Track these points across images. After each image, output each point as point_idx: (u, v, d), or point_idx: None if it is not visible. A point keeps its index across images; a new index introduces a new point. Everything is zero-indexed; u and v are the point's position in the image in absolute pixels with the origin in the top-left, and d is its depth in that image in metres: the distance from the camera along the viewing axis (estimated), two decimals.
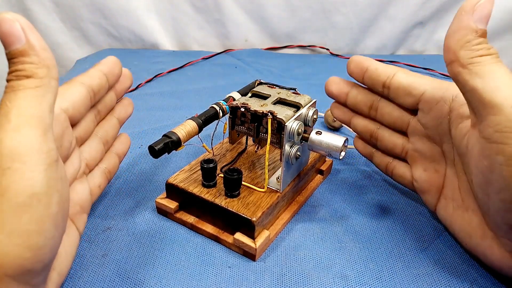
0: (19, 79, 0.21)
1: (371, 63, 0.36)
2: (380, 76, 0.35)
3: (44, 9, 0.80)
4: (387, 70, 0.35)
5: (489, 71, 0.24)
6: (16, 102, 0.21)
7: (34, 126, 0.21)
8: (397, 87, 0.34)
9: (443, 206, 0.33)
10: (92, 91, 0.31)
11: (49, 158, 0.21)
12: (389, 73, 0.34)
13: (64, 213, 0.23)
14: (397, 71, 0.34)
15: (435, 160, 0.33)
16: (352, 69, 0.37)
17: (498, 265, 0.29)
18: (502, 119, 0.23)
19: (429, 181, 0.34)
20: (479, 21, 0.25)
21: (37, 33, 0.22)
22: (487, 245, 0.29)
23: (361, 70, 0.36)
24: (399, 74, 0.34)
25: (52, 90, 0.22)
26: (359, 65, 0.36)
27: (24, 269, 0.21)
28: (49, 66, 0.22)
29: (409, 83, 0.33)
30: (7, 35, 0.21)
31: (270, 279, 0.31)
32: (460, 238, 0.32)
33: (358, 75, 0.37)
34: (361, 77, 0.37)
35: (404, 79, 0.33)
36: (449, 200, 0.32)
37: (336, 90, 0.39)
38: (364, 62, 0.36)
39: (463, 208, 0.31)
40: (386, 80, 0.34)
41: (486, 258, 0.30)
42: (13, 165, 0.20)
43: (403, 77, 0.34)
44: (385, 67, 0.35)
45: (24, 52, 0.21)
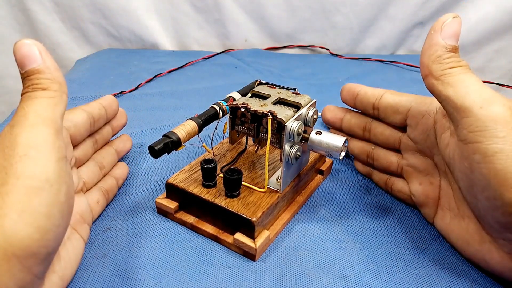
0: (35, 90, 0.25)
1: (361, 88, 0.39)
2: (369, 99, 0.38)
3: (44, 9, 0.80)
4: (375, 92, 0.38)
5: (459, 80, 0.27)
6: (33, 107, 0.24)
7: (47, 126, 0.24)
8: (385, 107, 0.37)
9: (440, 217, 0.34)
10: (93, 118, 0.35)
11: (60, 153, 0.24)
12: (377, 94, 0.37)
13: (70, 206, 0.25)
14: (384, 92, 0.37)
15: (429, 173, 0.34)
16: (345, 95, 0.41)
17: (498, 269, 0.29)
18: (473, 120, 0.26)
19: (426, 194, 0.35)
20: (448, 38, 0.28)
21: (51, 56, 0.26)
22: (486, 250, 0.29)
23: (353, 95, 0.40)
24: (386, 95, 0.37)
25: (63, 102, 0.26)
26: (350, 91, 0.40)
27: (31, 251, 0.22)
28: (61, 83, 0.26)
29: (396, 102, 0.36)
30: (26, 56, 0.25)
31: (270, 279, 0.31)
32: (459, 246, 0.32)
33: (351, 100, 0.40)
34: (353, 102, 0.40)
35: (391, 99, 0.36)
36: (446, 210, 0.33)
37: (331, 117, 0.43)
38: (355, 88, 0.40)
39: (459, 216, 0.31)
40: (375, 101, 0.38)
41: (486, 263, 0.30)
42: (29, 153, 0.23)
43: (389, 97, 0.37)
44: (373, 90, 0.38)
45: (40, 71, 0.25)
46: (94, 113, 0.36)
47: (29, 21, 0.81)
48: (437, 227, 0.34)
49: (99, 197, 0.36)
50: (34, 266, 0.22)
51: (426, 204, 0.35)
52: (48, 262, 0.24)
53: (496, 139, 0.25)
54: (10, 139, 0.23)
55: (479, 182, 0.26)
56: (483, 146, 0.25)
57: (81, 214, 0.32)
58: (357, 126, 0.40)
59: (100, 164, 0.37)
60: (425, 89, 0.30)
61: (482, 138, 0.25)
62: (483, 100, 0.26)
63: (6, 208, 0.21)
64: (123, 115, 0.41)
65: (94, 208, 0.35)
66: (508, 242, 0.27)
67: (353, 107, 0.41)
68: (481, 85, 0.27)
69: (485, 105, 0.26)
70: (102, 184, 0.37)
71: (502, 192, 0.25)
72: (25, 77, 0.25)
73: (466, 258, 0.32)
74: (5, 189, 0.22)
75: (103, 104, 0.37)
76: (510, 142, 0.24)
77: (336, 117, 0.43)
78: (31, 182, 0.22)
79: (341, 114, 0.42)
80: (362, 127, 0.40)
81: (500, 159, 0.24)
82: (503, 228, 0.27)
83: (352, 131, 0.41)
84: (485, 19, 0.82)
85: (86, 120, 0.35)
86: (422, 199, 0.35)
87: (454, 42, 0.28)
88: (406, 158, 0.36)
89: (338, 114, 0.42)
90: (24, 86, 0.25)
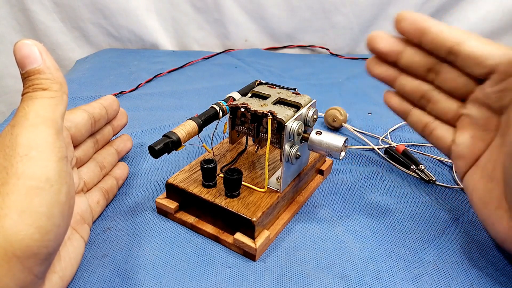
0: (35, 91, 0.25)
1: (433, 24, 0.32)
2: (446, 41, 0.32)
3: (44, 9, 0.80)
4: (454, 34, 0.31)
5: None
6: (33, 107, 0.24)
7: (48, 126, 0.24)
8: (467, 56, 0.31)
9: (472, 173, 0.33)
10: (93, 118, 0.35)
11: (60, 153, 0.24)
12: (458, 38, 0.31)
13: (70, 206, 0.25)
14: (467, 36, 0.31)
15: (487, 129, 0.32)
16: (407, 28, 0.33)
17: (502, 237, 0.30)
18: None
19: (471, 148, 0.33)
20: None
21: (51, 56, 0.26)
22: (499, 216, 0.30)
23: (419, 31, 0.33)
24: (471, 41, 0.31)
25: (64, 102, 0.26)
26: (416, 24, 0.33)
27: (31, 251, 0.22)
28: (61, 83, 0.26)
29: (484, 52, 0.30)
30: (26, 57, 0.25)
31: (270, 279, 0.31)
32: (477, 205, 0.32)
33: (414, 35, 0.33)
34: (419, 39, 0.33)
35: (478, 48, 0.30)
36: (479, 168, 0.32)
37: (385, 47, 0.35)
38: (424, 21, 0.33)
39: (489, 177, 0.31)
40: (453, 46, 0.31)
41: (493, 228, 0.30)
42: (30, 153, 0.23)
43: (475, 45, 0.31)
44: (452, 31, 0.32)
45: (40, 71, 0.25)
46: (95, 113, 0.36)
47: (29, 21, 0.81)
48: (465, 182, 0.34)
49: (100, 197, 0.36)
50: (35, 266, 0.22)
51: (465, 157, 0.33)
52: (49, 262, 0.24)
53: None
54: (11, 139, 0.23)
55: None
56: None
57: (81, 215, 0.32)
58: (422, 65, 0.34)
59: (101, 164, 0.37)
60: None
61: None
62: None
63: (6, 208, 0.21)
64: (124, 115, 0.41)
65: (94, 208, 0.35)
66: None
67: (416, 42, 0.33)
68: None
69: None
70: (102, 184, 0.37)
71: None
72: (25, 78, 0.25)
73: (479, 218, 0.32)
74: (6, 189, 0.22)
75: (104, 104, 0.37)
76: None
77: (393, 49, 0.35)
78: (31, 182, 0.22)
79: (399, 46, 0.34)
80: (427, 68, 0.34)
81: None
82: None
83: (412, 69, 0.35)
84: (485, 19, 0.82)
85: (87, 120, 0.35)
86: (464, 152, 0.33)
87: None
88: (470, 108, 0.33)
89: (396, 46, 0.34)
90: (24, 86, 0.25)
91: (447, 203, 0.39)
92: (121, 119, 0.41)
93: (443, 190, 0.41)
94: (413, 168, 0.43)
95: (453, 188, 0.42)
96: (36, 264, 0.22)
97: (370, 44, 0.35)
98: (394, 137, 0.51)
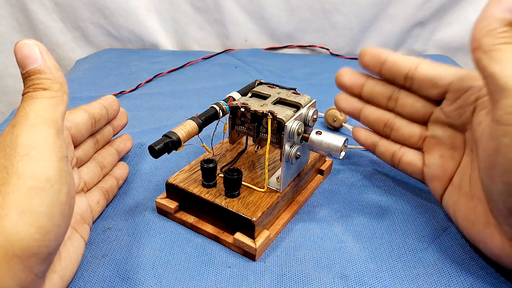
0: (36, 91, 0.25)
1: (389, 55, 0.35)
2: (401, 68, 0.34)
3: (44, 9, 0.80)
4: (408, 61, 0.34)
5: (509, 58, 0.24)
6: (34, 107, 0.24)
7: (48, 126, 0.24)
8: (422, 79, 0.33)
9: (449, 194, 0.33)
10: (94, 118, 0.35)
11: (61, 153, 0.24)
12: (412, 64, 0.33)
13: (71, 206, 0.25)
14: (419, 62, 0.33)
15: (454, 147, 0.33)
16: (367, 61, 0.36)
17: (497, 253, 0.29)
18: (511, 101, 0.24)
19: (443, 168, 0.33)
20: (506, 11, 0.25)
21: (52, 56, 0.26)
22: (489, 233, 0.29)
23: (378, 62, 0.35)
24: (423, 65, 0.33)
25: (64, 102, 0.26)
26: (375, 57, 0.35)
27: (31, 251, 0.22)
28: (62, 83, 0.26)
29: (436, 74, 0.32)
30: (27, 57, 0.25)
31: (270, 279, 0.31)
32: (463, 226, 0.32)
33: (375, 67, 0.36)
34: (378, 69, 0.35)
35: (430, 70, 0.32)
36: (456, 188, 0.32)
37: (349, 82, 0.38)
38: (381, 54, 0.35)
39: (469, 196, 0.31)
40: (408, 72, 0.33)
41: (486, 246, 0.30)
42: (30, 152, 0.23)
43: (427, 68, 0.33)
44: (406, 58, 0.34)
45: (41, 71, 0.25)
46: (95, 113, 0.36)
47: (29, 21, 0.81)
48: (444, 203, 0.34)
49: (100, 197, 0.36)
50: (35, 266, 0.22)
51: (439, 178, 0.34)
52: (49, 262, 0.24)
53: None
54: (11, 139, 0.23)
55: (501, 165, 0.25)
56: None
57: (81, 214, 0.32)
58: (381, 95, 0.37)
59: (101, 164, 0.37)
60: None
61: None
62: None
63: (7, 208, 0.21)
64: (124, 115, 0.41)
65: (95, 208, 0.35)
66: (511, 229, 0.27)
67: (376, 74, 0.36)
68: None
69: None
70: (102, 184, 0.37)
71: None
72: (26, 77, 0.25)
73: (468, 237, 0.32)
74: (6, 189, 0.22)
75: (104, 104, 0.37)
76: None
77: (355, 82, 0.38)
78: (32, 182, 0.22)
79: (361, 79, 0.37)
80: (387, 96, 0.36)
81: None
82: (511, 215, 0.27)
83: (373, 99, 0.38)
84: None
85: (87, 120, 0.35)
86: (437, 173, 0.34)
87: None
88: (433, 130, 0.34)
89: (358, 79, 0.37)
90: (25, 86, 0.25)
91: None
92: (121, 119, 0.41)
93: None
94: None
95: None
96: (36, 264, 0.22)
97: (337, 80, 0.39)
98: None
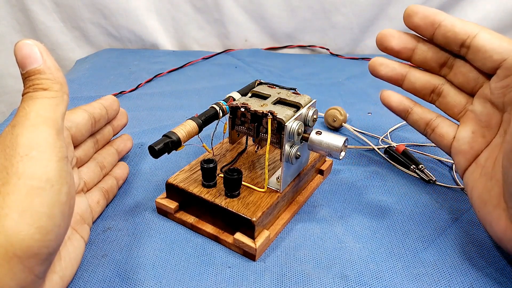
0: (36, 91, 0.25)
1: (445, 17, 0.32)
2: (458, 35, 0.32)
3: (44, 9, 0.80)
4: (466, 27, 0.32)
5: None
6: (34, 107, 0.24)
7: (49, 126, 0.24)
8: (478, 49, 0.31)
9: (472, 171, 0.33)
10: (94, 118, 0.35)
11: (61, 153, 0.24)
12: (470, 31, 0.31)
13: (71, 206, 0.25)
14: (479, 30, 0.31)
15: (489, 126, 0.32)
16: (418, 22, 0.33)
17: (499, 236, 0.30)
18: None
19: (471, 144, 0.33)
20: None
21: (52, 57, 0.26)
22: (497, 215, 0.30)
23: (431, 25, 0.33)
24: (483, 34, 0.31)
25: (64, 103, 0.26)
26: (428, 19, 0.33)
27: (32, 251, 0.22)
28: (62, 83, 0.26)
29: (494, 46, 0.30)
30: (27, 57, 0.25)
31: (270, 279, 0.31)
32: (476, 204, 0.32)
33: (426, 30, 0.33)
34: (431, 33, 0.33)
35: (489, 41, 0.31)
36: (480, 166, 0.32)
37: (398, 45, 0.35)
38: (436, 16, 0.32)
39: (489, 176, 0.31)
40: (466, 39, 0.31)
41: (491, 228, 0.30)
42: (30, 153, 0.23)
43: (487, 38, 0.31)
44: (464, 24, 0.32)
45: (41, 71, 0.25)
46: (95, 113, 0.36)
47: (29, 21, 0.81)
48: (465, 179, 0.34)
49: (99, 197, 0.36)
50: (35, 266, 0.22)
51: (465, 153, 0.33)
52: (49, 262, 0.24)
53: None
54: (12, 139, 0.23)
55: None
56: None
57: (81, 215, 0.32)
58: (435, 61, 0.35)
59: (101, 164, 0.37)
60: None
61: None
62: None
63: (7, 208, 0.21)
64: (124, 115, 0.41)
65: (94, 208, 0.35)
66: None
67: (427, 37, 0.34)
68: None
69: None
70: (102, 184, 0.37)
71: None
72: (26, 78, 0.25)
73: (478, 217, 0.32)
74: (6, 189, 0.22)
75: (104, 104, 0.38)
76: None
77: (406, 46, 0.35)
78: (32, 182, 0.22)
79: (412, 43, 0.35)
80: (441, 63, 0.34)
81: None
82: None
83: (425, 64, 0.35)
84: (485, 19, 0.82)
85: (87, 121, 0.35)
86: (464, 148, 0.33)
87: None
88: (475, 103, 0.33)
89: (408, 43, 0.35)
90: (25, 86, 0.25)
91: (447, 203, 0.39)
92: (121, 119, 0.41)
93: (443, 190, 0.41)
94: (413, 168, 0.43)
95: (453, 188, 0.42)
96: (36, 264, 0.22)
97: (381, 43, 0.35)
98: (394, 137, 0.51)
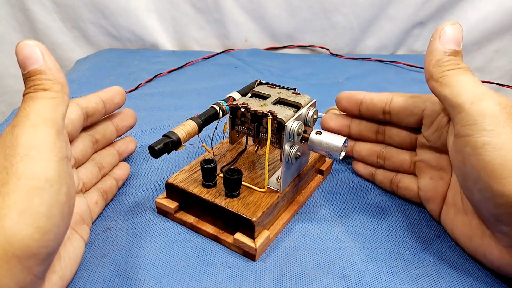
0: (36, 91, 0.25)
1: (364, 95, 0.38)
2: (377, 105, 0.37)
3: (44, 9, 0.80)
4: (381, 98, 0.37)
5: (456, 81, 0.29)
6: (35, 107, 0.24)
7: (49, 126, 0.24)
8: (398, 111, 0.36)
9: (445, 213, 0.34)
10: (87, 113, 0.34)
11: (61, 153, 0.24)
12: (385, 99, 0.37)
13: (70, 206, 0.25)
14: (392, 96, 0.37)
15: (441, 168, 0.35)
16: (345, 105, 0.40)
17: (497, 264, 0.29)
18: (464, 115, 0.27)
19: (435, 189, 0.35)
20: (447, 43, 0.30)
21: (53, 57, 0.26)
22: (486, 244, 0.30)
23: (355, 103, 0.39)
24: (396, 98, 0.36)
25: (65, 103, 0.26)
26: (351, 99, 0.39)
27: (31, 251, 0.22)
28: (62, 83, 0.26)
29: (409, 104, 0.35)
30: (28, 57, 0.25)
31: (270, 279, 0.31)
32: (462, 242, 0.32)
33: (353, 108, 0.39)
34: (357, 110, 0.39)
35: (403, 102, 0.36)
36: (451, 206, 0.33)
37: (336, 125, 0.41)
38: (357, 96, 0.39)
39: (463, 212, 0.32)
40: (385, 107, 0.37)
41: (486, 258, 0.30)
42: (30, 153, 0.23)
43: (401, 100, 0.36)
44: (379, 96, 0.37)
45: (42, 71, 0.25)
46: (89, 107, 0.34)
47: (29, 21, 0.81)
48: (442, 222, 0.35)
49: (98, 198, 0.35)
50: (35, 266, 0.22)
51: (433, 199, 0.35)
52: (49, 262, 0.24)
53: (485, 132, 0.26)
54: (12, 139, 0.23)
55: (471, 174, 0.27)
56: (472, 139, 0.27)
57: (80, 215, 0.32)
58: (369, 130, 0.40)
59: (99, 164, 0.37)
60: (426, 88, 0.31)
61: (471, 132, 0.27)
62: (474, 96, 0.28)
63: (6, 208, 0.21)
64: (131, 116, 0.40)
65: (93, 209, 0.35)
66: (503, 236, 0.28)
67: (356, 115, 0.40)
68: (475, 84, 0.29)
69: (475, 101, 0.27)
70: (101, 184, 0.37)
71: (491, 184, 0.26)
72: (27, 78, 0.25)
73: (468, 254, 0.32)
74: (6, 189, 0.22)
75: (103, 98, 0.36)
76: (497, 135, 0.26)
77: (342, 125, 0.41)
78: (32, 182, 0.22)
79: (346, 121, 0.41)
80: (374, 131, 0.40)
81: (488, 151, 0.26)
82: (496, 221, 0.27)
83: (363, 136, 0.41)
84: (485, 19, 0.82)
85: (79, 116, 0.33)
86: (430, 194, 0.35)
87: (454, 46, 0.30)
88: (420, 154, 0.37)
89: (343, 122, 0.41)
90: (26, 86, 0.25)
91: None
92: (127, 120, 0.40)
93: None
94: None
95: None
96: (36, 264, 0.22)
97: (323, 124, 0.42)
98: None
